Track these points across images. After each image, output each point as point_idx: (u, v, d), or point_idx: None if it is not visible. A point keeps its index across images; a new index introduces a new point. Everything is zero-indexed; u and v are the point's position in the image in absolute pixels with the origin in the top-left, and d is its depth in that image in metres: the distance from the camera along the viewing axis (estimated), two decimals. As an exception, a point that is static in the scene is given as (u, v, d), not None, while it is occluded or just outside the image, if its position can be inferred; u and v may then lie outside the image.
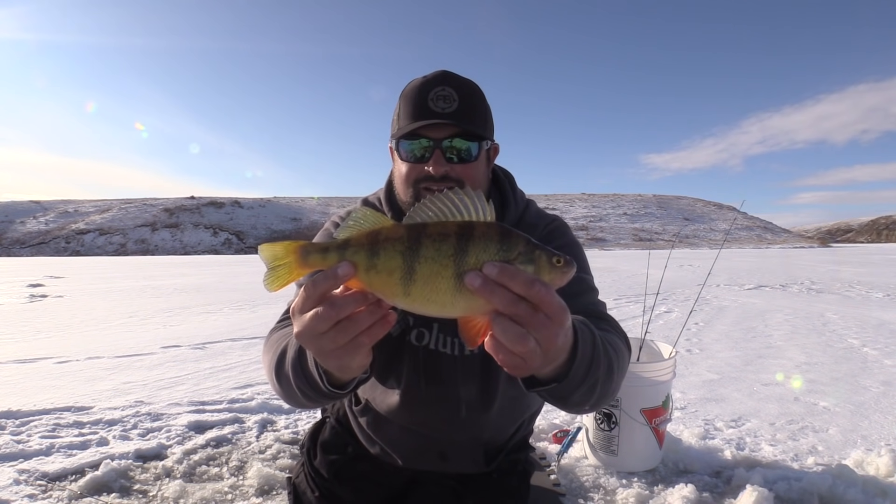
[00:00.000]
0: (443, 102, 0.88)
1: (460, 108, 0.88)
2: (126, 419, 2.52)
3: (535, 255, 0.54)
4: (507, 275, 0.51)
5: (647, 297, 6.26)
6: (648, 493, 1.80)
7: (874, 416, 2.57)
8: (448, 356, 1.01)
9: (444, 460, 1.10)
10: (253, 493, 1.85)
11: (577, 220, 60.46)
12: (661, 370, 1.93)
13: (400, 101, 0.93)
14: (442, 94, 0.88)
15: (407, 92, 0.92)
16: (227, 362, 3.76)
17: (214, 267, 21.56)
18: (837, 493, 1.75)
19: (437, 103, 0.88)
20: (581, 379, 0.69)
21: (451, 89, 0.89)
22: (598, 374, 0.72)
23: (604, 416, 1.96)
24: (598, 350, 0.73)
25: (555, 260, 0.54)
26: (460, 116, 0.88)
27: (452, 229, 0.54)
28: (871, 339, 4.41)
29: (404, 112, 0.92)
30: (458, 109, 0.88)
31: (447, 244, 0.53)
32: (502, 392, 1.05)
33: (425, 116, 0.88)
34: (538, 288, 0.51)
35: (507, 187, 1.06)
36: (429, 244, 0.54)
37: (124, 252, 52.72)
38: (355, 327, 0.56)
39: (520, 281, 0.51)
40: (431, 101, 0.88)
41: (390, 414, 1.07)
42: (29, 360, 3.85)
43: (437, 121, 0.88)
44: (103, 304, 7.84)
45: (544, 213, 1.12)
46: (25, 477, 1.93)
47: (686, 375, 3.29)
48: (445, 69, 0.95)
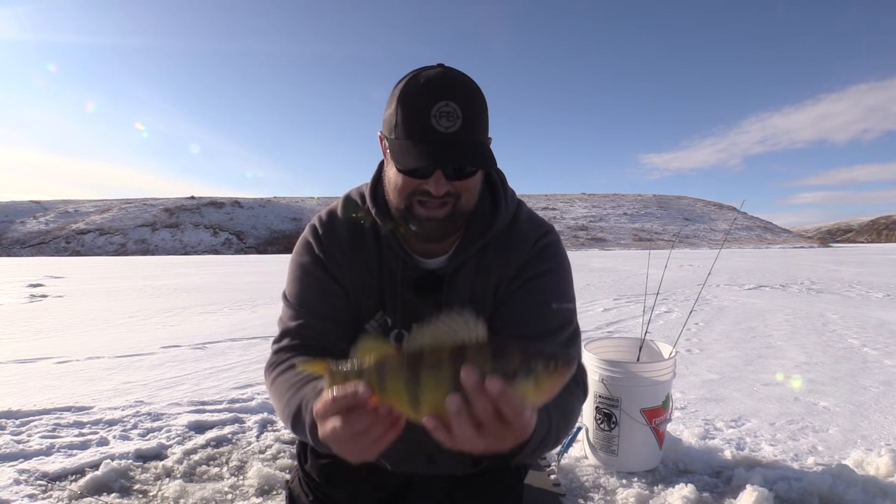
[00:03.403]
0: (446, 120, 0.83)
1: (464, 124, 0.84)
2: (126, 419, 2.52)
3: (531, 366, 0.56)
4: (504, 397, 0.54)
5: (647, 297, 6.26)
6: (648, 493, 1.80)
7: (874, 416, 2.57)
8: None
9: (432, 463, 1.10)
10: (253, 493, 1.85)
11: (577, 220, 60.47)
12: (661, 370, 1.93)
13: (397, 103, 0.86)
14: (445, 111, 0.83)
15: (405, 97, 0.86)
16: (227, 362, 3.76)
17: (214, 267, 21.57)
18: (837, 493, 1.75)
19: (440, 121, 0.83)
20: (524, 456, 0.77)
21: (454, 104, 0.84)
22: (544, 446, 0.81)
23: (604, 416, 1.96)
24: (551, 432, 0.80)
25: (552, 366, 0.56)
26: (464, 133, 0.85)
27: (446, 357, 0.58)
28: (871, 339, 4.41)
29: (403, 122, 0.86)
30: (461, 127, 0.84)
31: (443, 371, 0.58)
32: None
33: (427, 136, 0.84)
34: (520, 411, 0.56)
35: (500, 188, 1.04)
36: (427, 375, 0.58)
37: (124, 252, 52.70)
38: (371, 436, 0.64)
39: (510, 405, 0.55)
40: (434, 119, 0.83)
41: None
42: (29, 360, 3.85)
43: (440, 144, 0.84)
44: (103, 304, 7.84)
45: (536, 219, 1.08)
46: (25, 477, 1.93)
47: (686, 375, 3.29)
48: (445, 67, 0.89)
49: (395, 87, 0.89)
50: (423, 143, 0.84)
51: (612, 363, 1.94)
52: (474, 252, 1.00)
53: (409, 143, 0.85)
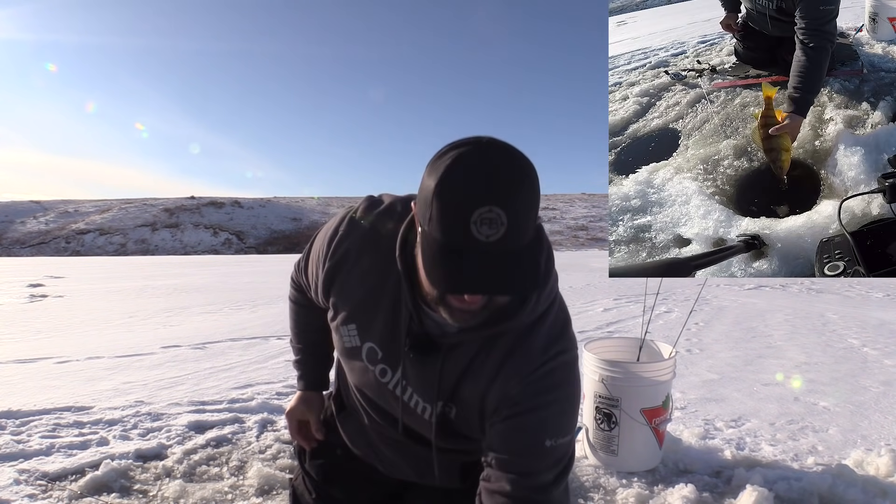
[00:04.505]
0: (487, 228, 0.70)
1: (508, 232, 0.71)
2: (126, 419, 2.52)
3: None
4: None
5: (647, 297, 6.25)
6: (648, 493, 1.80)
7: (874, 416, 2.57)
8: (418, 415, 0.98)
9: (420, 477, 1.09)
10: (253, 493, 1.85)
11: (577, 220, 60.35)
12: (661, 370, 1.93)
13: (434, 196, 0.72)
14: (488, 218, 0.70)
15: (443, 193, 0.71)
16: (227, 362, 3.76)
17: (214, 267, 21.55)
18: (837, 493, 1.75)
19: (480, 229, 0.70)
20: None
21: (499, 210, 0.70)
22: None
23: (604, 417, 1.96)
24: None
25: None
26: (508, 240, 0.72)
27: None
28: (871, 339, 4.41)
29: (439, 220, 0.72)
30: (505, 235, 0.71)
31: None
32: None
33: (466, 244, 0.71)
34: None
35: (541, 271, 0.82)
36: None
37: (124, 252, 52.68)
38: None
39: None
40: (475, 226, 0.70)
41: (369, 430, 1.09)
42: (29, 360, 3.85)
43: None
44: (103, 304, 7.84)
45: (557, 335, 0.92)
46: (25, 477, 1.93)
47: (686, 375, 3.29)
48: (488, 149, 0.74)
49: (432, 167, 0.74)
50: (460, 248, 0.72)
51: (612, 363, 1.94)
52: (482, 336, 0.89)
53: (444, 248, 0.73)
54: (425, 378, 0.93)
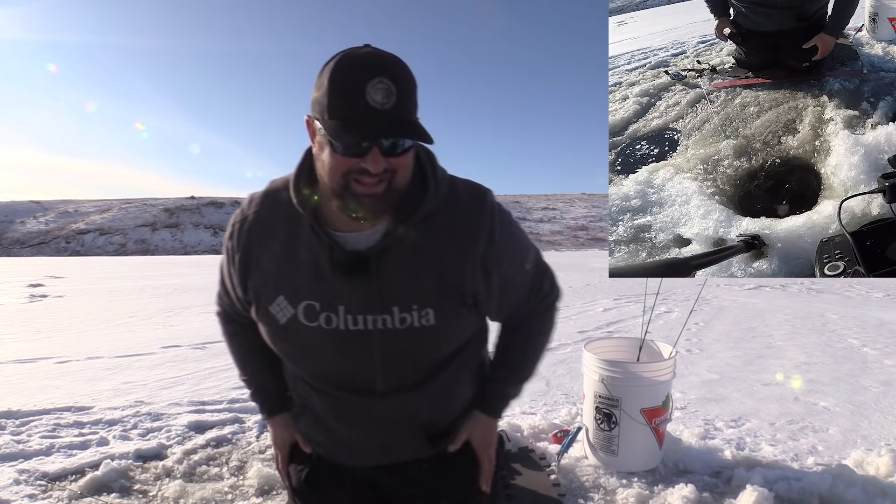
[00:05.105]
0: (381, 97, 0.82)
1: (399, 101, 0.83)
2: (126, 419, 2.52)
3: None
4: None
5: (647, 296, 6.25)
6: (648, 493, 1.80)
7: (874, 416, 2.57)
8: (362, 332, 0.99)
9: (387, 453, 1.11)
10: (253, 493, 1.85)
11: (577, 219, 60.19)
12: (661, 370, 1.93)
13: (329, 83, 0.84)
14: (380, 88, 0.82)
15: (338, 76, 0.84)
16: (227, 362, 3.74)
17: (214, 267, 21.44)
18: (837, 493, 1.75)
19: (374, 97, 0.82)
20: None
21: (388, 81, 0.82)
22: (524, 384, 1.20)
23: (604, 417, 1.96)
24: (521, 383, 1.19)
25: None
26: (399, 110, 0.84)
27: None
28: (871, 339, 4.41)
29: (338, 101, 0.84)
30: (396, 103, 0.83)
31: None
32: (428, 371, 1.04)
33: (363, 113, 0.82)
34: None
35: (429, 169, 1.00)
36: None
37: (124, 252, 52.62)
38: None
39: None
40: (369, 96, 0.82)
41: (322, 412, 1.10)
42: (29, 360, 3.85)
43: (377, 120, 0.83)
44: (103, 304, 7.84)
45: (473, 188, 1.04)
46: (25, 477, 1.93)
47: (686, 375, 3.29)
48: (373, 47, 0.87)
49: (323, 68, 0.87)
50: (360, 120, 0.83)
51: (612, 363, 1.94)
52: (407, 231, 0.96)
53: (346, 121, 0.84)
54: (368, 293, 0.97)
